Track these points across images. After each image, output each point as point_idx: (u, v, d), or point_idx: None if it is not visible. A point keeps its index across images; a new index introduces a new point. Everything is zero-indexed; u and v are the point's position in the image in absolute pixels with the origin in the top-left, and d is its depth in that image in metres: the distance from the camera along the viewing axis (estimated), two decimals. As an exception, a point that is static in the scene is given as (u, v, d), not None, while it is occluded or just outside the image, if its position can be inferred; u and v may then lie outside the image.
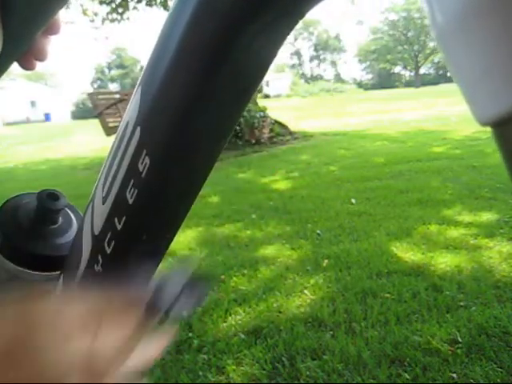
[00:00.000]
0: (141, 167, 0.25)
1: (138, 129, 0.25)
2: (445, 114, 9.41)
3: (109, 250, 0.28)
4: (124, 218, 0.27)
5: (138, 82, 0.27)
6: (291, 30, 0.23)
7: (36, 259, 0.34)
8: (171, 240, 0.30)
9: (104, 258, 0.28)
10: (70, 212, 0.37)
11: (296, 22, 0.22)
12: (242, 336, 1.49)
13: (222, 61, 0.22)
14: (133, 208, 0.26)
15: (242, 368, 1.33)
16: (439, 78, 55.00)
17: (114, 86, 58.60)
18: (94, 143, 10.93)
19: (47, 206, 0.34)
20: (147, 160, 0.25)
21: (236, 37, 0.21)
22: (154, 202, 0.26)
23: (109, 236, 0.28)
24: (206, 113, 0.24)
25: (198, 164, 0.26)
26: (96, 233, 0.29)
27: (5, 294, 0.35)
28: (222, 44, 0.22)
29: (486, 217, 2.47)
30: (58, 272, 0.34)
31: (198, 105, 0.24)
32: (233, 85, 0.24)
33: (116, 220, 0.27)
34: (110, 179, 0.28)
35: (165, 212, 0.28)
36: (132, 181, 0.26)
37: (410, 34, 50.30)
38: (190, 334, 1.54)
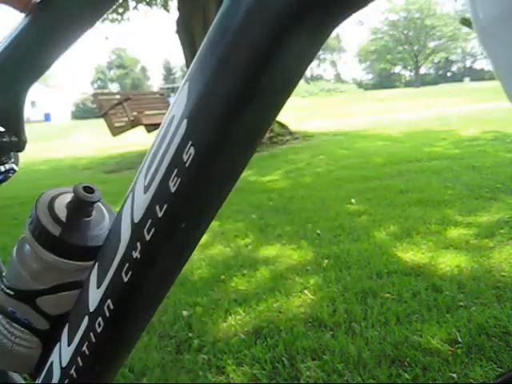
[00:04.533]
0: (185, 157, 0.27)
1: (185, 121, 0.27)
2: (445, 113, 9.41)
3: (148, 237, 0.29)
4: (165, 206, 0.28)
5: (184, 78, 0.29)
6: (330, 34, 0.25)
7: (71, 249, 0.35)
8: (205, 229, 0.32)
9: (142, 245, 0.30)
10: (102, 206, 0.39)
11: (334, 28, 0.25)
12: (242, 336, 1.49)
13: (269, 61, 0.24)
14: (175, 196, 0.28)
15: (242, 368, 1.33)
16: (439, 78, 55.02)
17: (114, 86, 58.60)
18: (93, 143, 10.93)
19: (83, 198, 0.35)
20: (192, 150, 0.27)
21: (283, 38, 0.24)
22: (195, 191, 0.28)
23: (149, 223, 0.29)
24: (250, 109, 0.26)
25: (238, 156, 0.29)
26: (136, 221, 0.30)
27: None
28: (269, 45, 0.24)
29: (486, 217, 2.47)
30: (91, 262, 0.35)
31: (242, 101, 0.26)
32: (276, 84, 0.26)
33: (157, 208, 0.29)
34: (152, 170, 0.29)
35: (204, 201, 0.29)
36: (176, 170, 0.28)
37: (410, 34, 50.29)
38: (190, 334, 1.54)
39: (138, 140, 8.85)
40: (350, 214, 2.77)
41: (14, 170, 0.55)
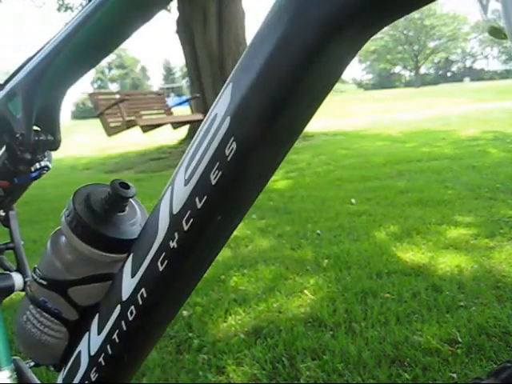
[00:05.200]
0: (227, 152, 0.29)
1: (228, 119, 0.29)
2: (445, 114, 9.41)
3: (186, 228, 0.31)
4: (205, 198, 0.30)
5: (228, 79, 0.30)
6: (366, 42, 0.27)
7: (107, 241, 0.37)
8: (239, 223, 0.33)
9: (180, 235, 0.31)
10: (133, 202, 0.41)
11: (374, 34, 0.27)
12: (242, 336, 1.49)
13: (311, 64, 0.26)
14: (215, 188, 0.30)
15: (241, 368, 1.33)
16: (439, 78, 55.01)
17: (114, 86, 58.58)
18: (94, 143, 10.93)
19: (120, 193, 0.37)
20: (234, 145, 0.28)
21: (326, 44, 0.25)
22: (235, 184, 0.30)
23: (188, 214, 0.31)
24: (290, 109, 0.28)
25: (276, 152, 0.30)
26: (175, 212, 0.32)
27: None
28: (312, 50, 0.26)
29: (486, 217, 2.47)
30: (124, 255, 0.37)
31: (283, 102, 0.27)
32: (315, 87, 0.28)
33: (197, 199, 0.30)
34: (194, 163, 0.31)
35: (242, 194, 0.31)
36: (217, 163, 0.29)
37: (410, 34, 50.27)
38: (190, 334, 1.54)
39: (138, 140, 8.85)
40: (350, 214, 2.77)
41: (48, 168, 0.57)
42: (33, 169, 0.56)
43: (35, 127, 0.54)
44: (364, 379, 1.23)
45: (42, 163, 0.57)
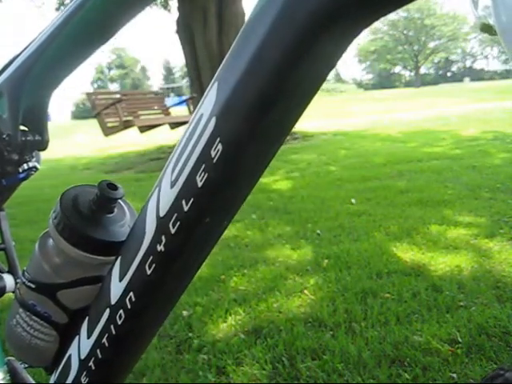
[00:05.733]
0: (213, 153, 0.28)
1: (213, 119, 0.28)
2: (445, 114, 9.41)
3: (173, 231, 0.30)
4: (191, 200, 0.29)
5: (214, 78, 0.29)
6: (356, 37, 0.26)
7: (94, 244, 0.36)
8: (227, 225, 0.33)
9: (167, 238, 0.31)
10: (122, 203, 0.40)
11: (364, 29, 0.26)
12: (242, 336, 1.49)
13: (299, 61, 0.25)
14: (201, 191, 0.29)
15: (242, 368, 1.33)
16: (439, 78, 55.03)
17: (114, 86, 58.58)
18: (94, 143, 10.93)
19: (107, 194, 0.36)
20: (220, 147, 0.28)
21: (314, 39, 0.24)
22: (222, 186, 0.29)
23: (174, 217, 0.30)
24: (278, 108, 0.27)
25: (264, 153, 0.30)
26: (161, 215, 0.31)
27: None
28: (300, 46, 0.25)
29: (486, 217, 2.47)
30: (113, 257, 0.36)
31: (271, 100, 0.27)
32: (304, 84, 0.27)
33: (183, 202, 0.30)
34: (180, 165, 0.30)
35: (229, 196, 0.31)
36: (203, 165, 0.28)
37: (410, 34, 50.28)
38: (190, 334, 1.54)
39: (137, 140, 8.85)
40: (350, 214, 2.77)
41: (37, 168, 0.57)
42: (21, 169, 0.56)
43: (22, 127, 0.53)
44: (364, 379, 1.23)
45: (30, 164, 0.56)
